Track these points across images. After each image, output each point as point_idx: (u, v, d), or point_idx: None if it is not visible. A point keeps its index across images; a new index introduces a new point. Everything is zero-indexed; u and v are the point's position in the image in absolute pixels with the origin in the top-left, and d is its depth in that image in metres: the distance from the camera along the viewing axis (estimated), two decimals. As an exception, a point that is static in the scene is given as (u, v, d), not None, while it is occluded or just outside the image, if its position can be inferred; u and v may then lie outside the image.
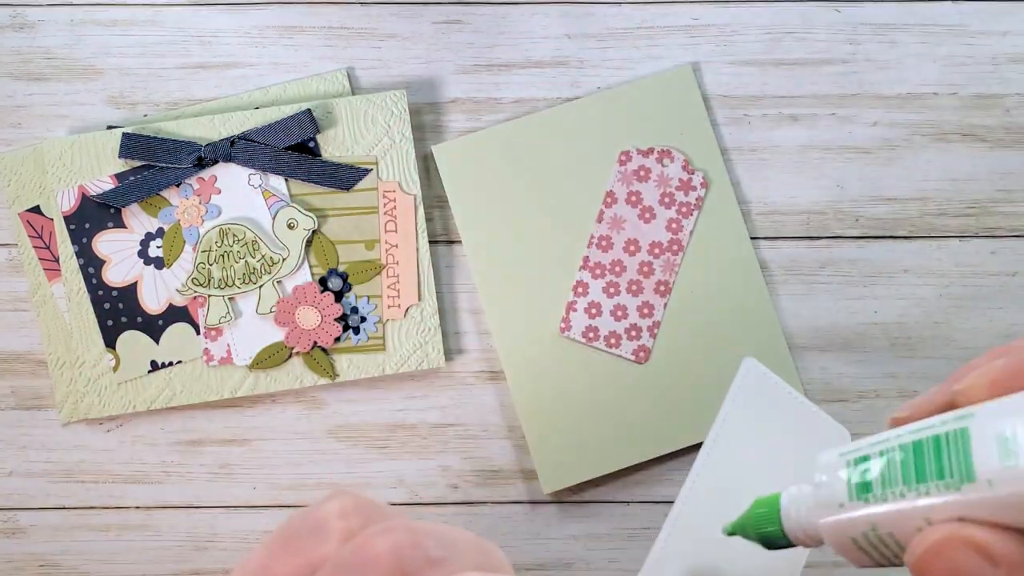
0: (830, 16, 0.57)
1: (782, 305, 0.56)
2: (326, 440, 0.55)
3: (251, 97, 0.57)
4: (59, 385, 0.55)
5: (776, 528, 0.28)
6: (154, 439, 0.55)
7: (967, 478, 0.21)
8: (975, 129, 0.57)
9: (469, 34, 0.57)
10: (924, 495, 0.22)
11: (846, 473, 0.25)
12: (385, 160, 0.56)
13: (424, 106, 0.57)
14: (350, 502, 0.26)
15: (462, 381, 0.56)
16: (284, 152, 0.55)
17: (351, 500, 0.26)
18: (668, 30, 0.57)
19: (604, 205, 0.56)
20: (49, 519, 0.55)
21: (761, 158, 0.57)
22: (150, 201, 0.55)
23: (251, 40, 0.57)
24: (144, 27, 0.57)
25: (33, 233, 0.55)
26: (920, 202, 0.57)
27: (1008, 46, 0.57)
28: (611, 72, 0.57)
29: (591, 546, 0.55)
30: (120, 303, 0.55)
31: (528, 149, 0.56)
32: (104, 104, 0.57)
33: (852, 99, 0.57)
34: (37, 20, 0.57)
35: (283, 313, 0.54)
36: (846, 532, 0.25)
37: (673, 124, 0.57)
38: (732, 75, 0.57)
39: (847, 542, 0.25)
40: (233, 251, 0.55)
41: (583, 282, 0.56)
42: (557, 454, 0.54)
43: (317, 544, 0.25)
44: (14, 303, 0.56)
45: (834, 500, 0.25)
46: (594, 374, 0.55)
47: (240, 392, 0.55)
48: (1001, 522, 0.21)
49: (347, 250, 0.55)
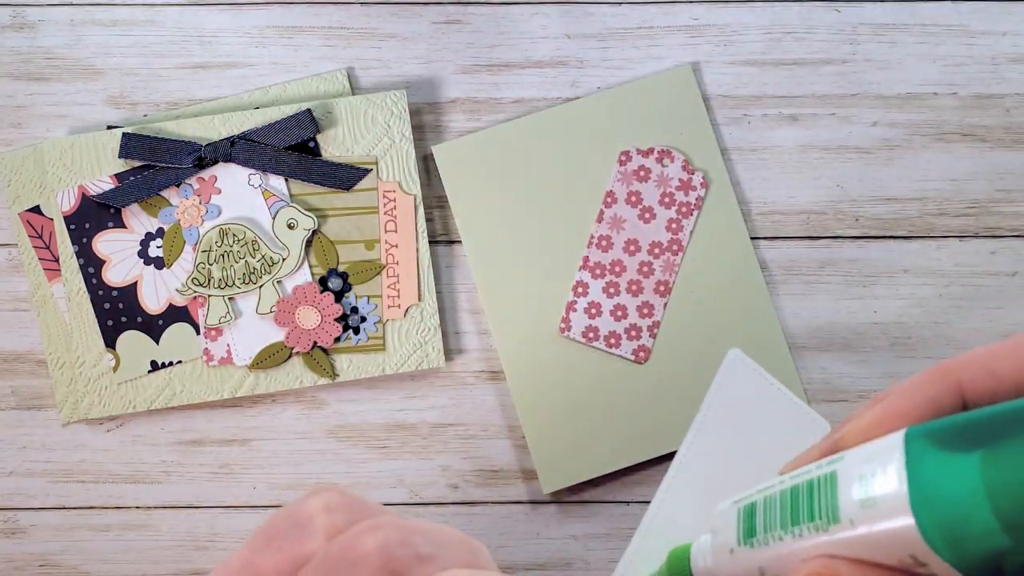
0: (830, 16, 0.57)
1: (782, 305, 0.56)
2: (326, 440, 0.55)
3: (251, 97, 0.57)
4: (59, 385, 0.55)
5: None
6: (154, 439, 0.55)
7: (833, 519, 0.22)
8: (975, 129, 0.57)
9: (469, 34, 0.57)
10: (799, 537, 0.23)
11: (735, 521, 0.26)
12: (385, 160, 0.56)
13: (424, 106, 0.57)
14: (334, 497, 0.26)
15: (462, 381, 0.56)
16: (284, 152, 0.55)
17: (335, 495, 0.26)
18: (668, 30, 0.57)
19: (604, 205, 0.56)
20: (49, 519, 0.55)
21: (761, 158, 0.57)
22: (150, 201, 0.55)
23: (251, 40, 0.57)
24: (144, 27, 0.57)
25: (33, 233, 0.55)
26: (920, 202, 0.57)
27: (1008, 46, 0.57)
28: (611, 72, 0.57)
29: (591, 546, 0.55)
30: (120, 303, 0.55)
31: (528, 149, 0.56)
32: (104, 104, 0.57)
33: (852, 99, 0.57)
34: (37, 20, 0.57)
35: (283, 313, 0.54)
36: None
37: (673, 124, 0.57)
38: (732, 75, 0.57)
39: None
40: (233, 251, 0.55)
41: (583, 282, 0.56)
42: (557, 454, 0.54)
43: (302, 540, 0.25)
44: (14, 303, 0.56)
45: (726, 547, 0.26)
46: (594, 374, 0.55)
47: (240, 392, 0.55)
48: (865, 559, 0.22)
49: (347, 250, 0.55)
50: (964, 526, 0.20)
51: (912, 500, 0.21)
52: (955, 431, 0.21)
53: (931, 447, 0.21)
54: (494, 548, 0.55)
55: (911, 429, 0.22)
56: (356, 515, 0.26)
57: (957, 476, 0.20)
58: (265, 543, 0.25)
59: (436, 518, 0.55)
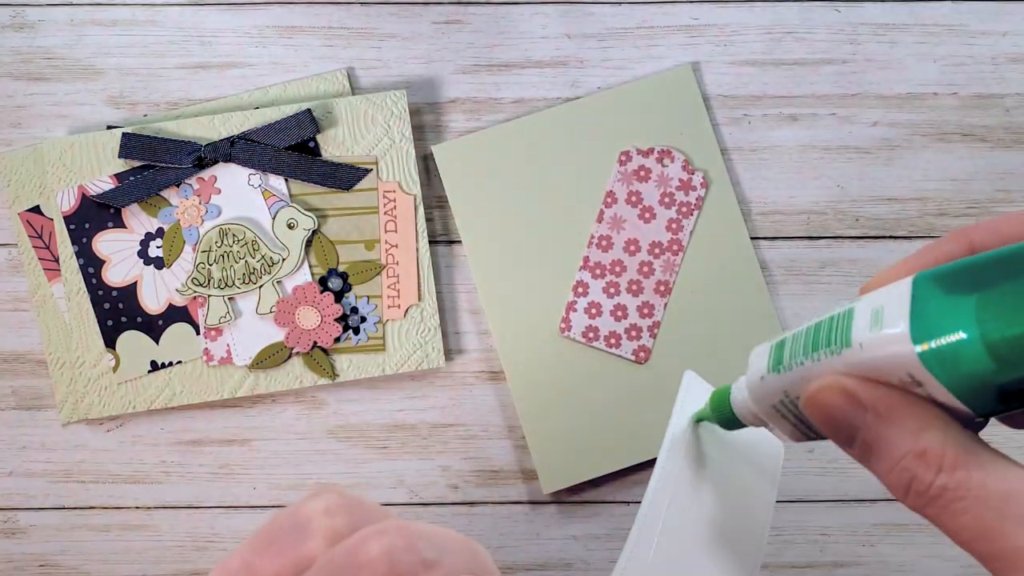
0: (830, 16, 0.57)
1: (782, 305, 0.56)
2: (326, 440, 0.55)
3: (251, 97, 0.57)
4: (59, 385, 0.55)
5: (727, 410, 0.33)
6: (154, 439, 0.55)
7: (845, 344, 0.26)
8: (975, 129, 0.57)
9: (469, 34, 0.57)
10: (816, 361, 0.27)
11: (767, 354, 0.30)
12: (385, 160, 0.56)
13: (424, 106, 0.57)
14: (335, 499, 0.26)
15: (462, 381, 0.56)
16: (284, 152, 0.55)
17: (336, 497, 0.26)
18: (668, 30, 0.57)
19: (604, 205, 0.56)
20: (49, 519, 0.55)
21: (761, 158, 0.57)
22: (150, 201, 0.55)
23: (251, 40, 0.57)
24: (144, 27, 0.57)
25: (33, 233, 0.55)
26: (920, 202, 0.57)
27: (1008, 46, 0.57)
28: (611, 72, 0.57)
29: (591, 546, 0.55)
30: (120, 303, 0.55)
31: (528, 149, 0.56)
32: (104, 104, 0.57)
33: (852, 99, 0.57)
34: (37, 20, 0.57)
35: (283, 313, 0.54)
36: (767, 400, 0.30)
37: (673, 124, 0.57)
38: (732, 75, 0.57)
39: (770, 410, 0.30)
40: (233, 251, 0.55)
41: (583, 282, 0.56)
42: (557, 454, 0.54)
43: (301, 543, 0.25)
44: (14, 303, 0.56)
45: (757, 375, 0.30)
46: (594, 374, 0.55)
47: (240, 392, 0.55)
48: (872, 377, 0.26)
49: (347, 250, 0.55)
50: (955, 351, 0.24)
51: (912, 328, 0.24)
52: (956, 274, 0.25)
53: (935, 288, 0.25)
54: (494, 548, 0.55)
55: (921, 273, 0.25)
56: (356, 517, 0.26)
57: (954, 311, 0.24)
58: (265, 545, 0.25)
59: (436, 518, 0.55)
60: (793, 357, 0.28)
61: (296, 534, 0.25)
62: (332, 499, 0.26)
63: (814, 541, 0.55)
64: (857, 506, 0.55)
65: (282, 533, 0.26)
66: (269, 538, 0.26)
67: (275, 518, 0.26)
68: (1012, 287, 0.24)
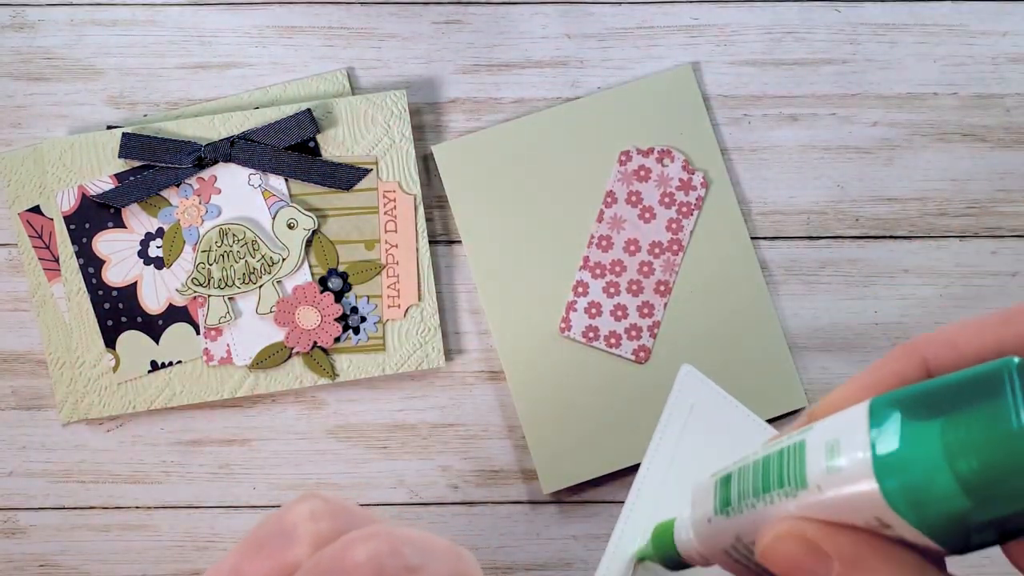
0: (830, 16, 0.57)
1: (782, 305, 0.56)
2: (326, 440, 0.55)
3: (251, 97, 0.57)
4: (59, 385, 0.55)
5: (672, 550, 0.30)
6: (154, 439, 0.55)
7: (801, 484, 0.23)
8: (975, 129, 0.57)
9: (469, 34, 0.57)
10: (770, 504, 0.24)
11: (712, 492, 0.27)
12: (385, 160, 0.56)
13: (424, 106, 0.57)
14: (320, 505, 0.26)
15: (462, 381, 0.56)
16: (284, 152, 0.55)
17: (321, 503, 0.26)
18: (668, 30, 0.57)
19: (604, 205, 0.56)
20: (49, 519, 0.55)
21: (761, 158, 0.57)
22: (150, 201, 0.55)
23: (251, 40, 0.57)
24: (144, 27, 0.57)
25: (33, 233, 0.55)
26: (920, 202, 0.57)
27: (1008, 46, 0.57)
28: (611, 72, 0.57)
29: (591, 546, 0.55)
30: (120, 303, 0.55)
31: (528, 149, 0.56)
32: (104, 104, 0.57)
33: (852, 99, 0.57)
34: (37, 20, 0.57)
35: (283, 313, 0.54)
36: (717, 545, 0.27)
37: (673, 124, 0.57)
38: (732, 75, 0.57)
39: (721, 555, 0.27)
40: (233, 251, 0.55)
41: (583, 282, 0.56)
42: (557, 454, 0.54)
43: (287, 548, 0.25)
44: (14, 303, 0.56)
45: (704, 517, 0.27)
46: (594, 374, 0.55)
47: (240, 392, 0.55)
48: (834, 520, 0.23)
49: (347, 250, 0.55)
50: (926, 489, 0.21)
51: (875, 465, 0.22)
52: (916, 400, 0.22)
53: (893, 416, 0.22)
54: (494, 548, 0.55)
55: (876, 399, 0.23)
56: (342, 522, 0.26)
57: (918, 442, 0.21)
58: (253, 551, 0.26)
59: (436, 518, 0.55)
60: (743, 498, 0.26)
61: (282, 540, 0.25)
62: (317, 504, 0.26)
63: (814, 541, 0.55)
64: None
65: (268, 539, 0.26)
66: (256, 544, 0.26)
67: (261, 523, 0.26)
68: (979, 413, 0.21)
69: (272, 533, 0.26)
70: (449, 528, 0.55)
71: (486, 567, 0.55)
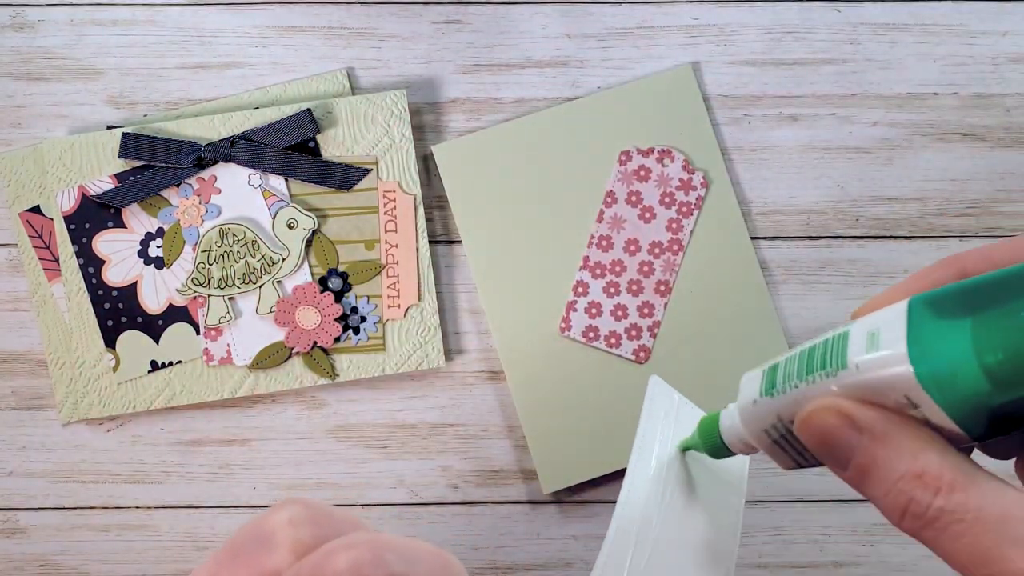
0: (830, 16, 0.57)
1: (782, 305, 0.56)
2: (326, 440, 0.55)
3: (251, 97, 0.57)
4: (59, 385, 0.55)
5: (717, 438, 0.33)
6: (154, 439, 0.55)
7: (841, 366, 0.26)
8: (975, 129, 0.57)
9: (469, 34, 0.57)
10: (810, 384, 0.27)
11: (759, 379, 0.30)
12: (385, 160, 0.56)
13: (424, 106, 0.57)
14: (300, 511, 0.26)
15: (462, 381, 0.56)
16: (284, 152, 0.55)
17: (301, 508, 0.26)
18: (668, 30, 0.57)
19: (604, 205, 0.56)
20: (49, 519, 0.55)
21: (761, 158, 0.57)
22: (150, 201, 0.55)
23: (251, 40, 0.57)
24: (144, 27, 0.57)
25: (33, 233, 0.55)
26: (920, 202, 0.57)
27: (1008, 46, 0.57)
28: (611, 72, 0.57)
29: (591, 546, 0.55)
30: (120, 303, 0.55)
31: (528, 149, 0.56)
32: (104, 104, 0.57)
33: (852, 99, 0.57)
34: (37, 20, 0.57)
35: (283, 313, 0.54)
36: (759, 424, 0.30)
37: (673, 124, 0.57)
38: (732, 75, 0.57)
39: (762, 435, 0.30)
40: (233, 251, 0.55)
41: (583, 282, 0.56)
42: (557, 454, 0.54)
43: (265, 555, 0.25)
44: (14, 303, 0.56)
45: (749, 400, 0.30)
46: (594, 374, 0.55)
47: (240, 392, 0.55)
48: (868, 399, 0.26)
49: (347, 250, 0.55)
50: (954, 373, 0.24)
51: (910, 351, 0.25)
52: (951, 299, 0.25)
53: (930, 311, 0.25)
54: (494, 548, 0.55)
55: (914, 297, 0.26)
56: (323, 529, 0.26)
57: (951, 334, 0.24)
58: (231, 558, 0.25)
59: (436, 518, 0.55)
60: (787, 380, 0.28)
61: (260, 547, 0.25)
62: (297, 511, 0.26)
63: (814, 541, 0.55)
64: (857, 506, 0.55)
65: (246, 545, 0.25)
66: (234, 551, 0.25)
67: (240, 530, 0.26)
68: (1006, 310, 0.24)
69: (250, 540, 0.25)
70: (449, 528, 0.55)
71: (486, 567, 0.55)
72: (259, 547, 0.25)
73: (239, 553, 0.25)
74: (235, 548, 0.25)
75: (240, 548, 0.25)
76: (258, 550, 0.25)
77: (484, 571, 0.55)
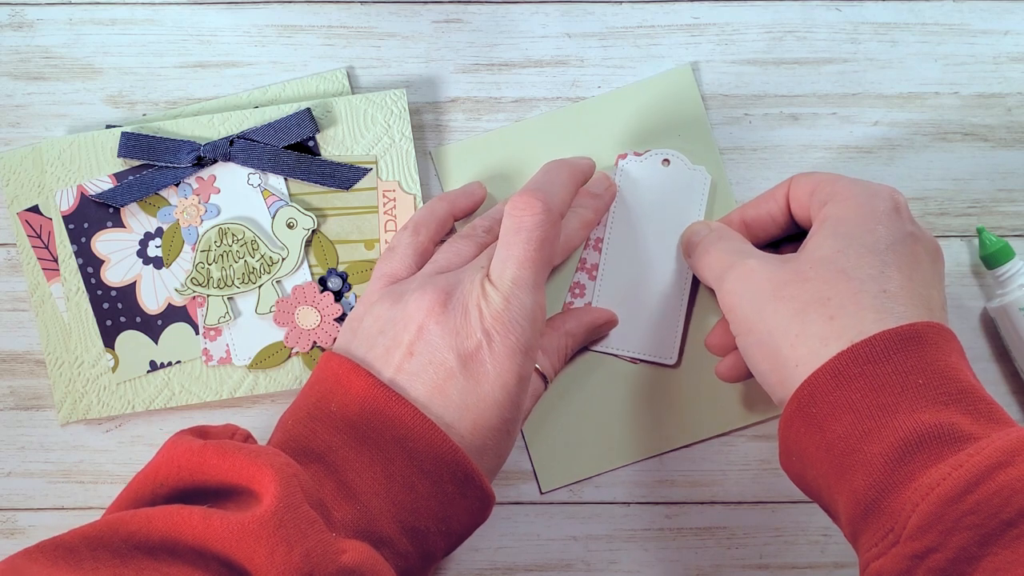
0: (831, 15, 0.57)
1: (783, 305, 0.56)
2: (325, 440, 0.55)
3: (250, 96, 0.57)
4: (58, 385, 0.55)
5: None
6: (153, 439, 0.55)
7: None
8: (976, 128, 0.57)
9: (469, 33, 0.57)
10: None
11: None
12: (385, 160, 0.56)
13: (424, 106, 0.57)
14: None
15: (462, 381, 0.56)
16: (283, 151, 0.55)
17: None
18: (668, 29, 0.57)
19: (604, 205, 0.56)
20: (48, 519, 0.55)
21: (761, 158, 0.57)
22: (149, 201, 0.55)
23: (250, 39, 0.57)
24: (143, 26, 0.57)
25: (32, 233, 0.55)
26: (921, 202, 0.56)
27: (1010, 45, 0.57)
28: (611, 71, 0.57)
29: (591, 546, 0.55)
30: (119, 303, 0.55)
31: (528, 149, 0.56)
32: (103, 103, 0.57)
33: (853, 98, 0.57)
34: (36, 19, 0.57)
35: (282, 313, 0.54)
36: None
37: (672, 124, 0.56)
38: (732, 74, 0.57)
39: None
40: (232, 251, 0.54)
41: (580, 283, 0.56)
42: (556, 454, 0.54)
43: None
44: (13, 303, 0.56)
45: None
46: (593, 374, 0.55)
47: (239, 392, 0.55)
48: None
49: (347, 250, 0.55)
50: None
51: None
52: None
53: None
54: (494, 548, 0.55)
55: None
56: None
57: None
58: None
59: (436, 518, 0.55)
60: None
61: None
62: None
63: (815, 542, 0.55)
64: (858, 507, 0.55)
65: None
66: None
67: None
68: None
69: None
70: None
71: (486, 567, 0.55)
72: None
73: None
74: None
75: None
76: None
77: (484, 571, 0.55)
